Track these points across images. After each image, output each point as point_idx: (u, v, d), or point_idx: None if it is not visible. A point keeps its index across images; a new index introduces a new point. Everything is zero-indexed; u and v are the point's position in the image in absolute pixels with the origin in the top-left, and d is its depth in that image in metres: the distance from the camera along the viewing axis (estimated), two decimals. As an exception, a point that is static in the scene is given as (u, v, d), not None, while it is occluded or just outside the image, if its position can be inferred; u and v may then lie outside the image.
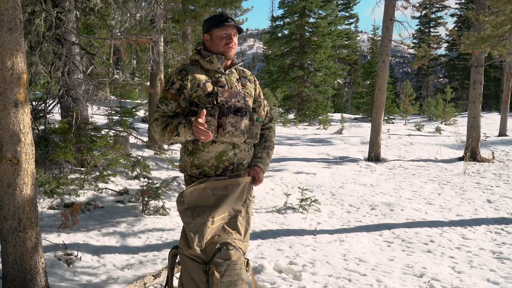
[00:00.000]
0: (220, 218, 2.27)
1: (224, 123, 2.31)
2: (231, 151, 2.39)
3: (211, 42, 2.43)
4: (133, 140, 9.33)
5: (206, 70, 2.41)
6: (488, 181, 7.67)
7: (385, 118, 21.20)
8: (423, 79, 43.67)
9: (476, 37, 8.49)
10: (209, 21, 2.45)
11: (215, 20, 2.42)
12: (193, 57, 2.47)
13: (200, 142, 2.35)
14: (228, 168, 2.40)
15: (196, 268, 2.21)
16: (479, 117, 10.31)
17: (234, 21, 2.44)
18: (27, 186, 2.83)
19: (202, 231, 2.19)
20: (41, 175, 5.25)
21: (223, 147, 2.37)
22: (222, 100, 2.32)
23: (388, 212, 5.76)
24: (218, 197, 2.28)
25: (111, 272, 3.72)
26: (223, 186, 2.31)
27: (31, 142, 2.85)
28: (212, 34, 2.42)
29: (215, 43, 2.41)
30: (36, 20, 5.08)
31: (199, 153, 2.36)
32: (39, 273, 2.93)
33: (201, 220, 2.19)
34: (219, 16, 2.42)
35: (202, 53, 2.43)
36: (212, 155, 2.36)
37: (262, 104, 2.59)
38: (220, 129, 2.32)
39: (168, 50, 9.83)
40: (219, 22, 2.40)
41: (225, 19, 2.40)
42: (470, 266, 3.87)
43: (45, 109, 6.07)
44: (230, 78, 2.46)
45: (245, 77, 2.56)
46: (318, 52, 22.03)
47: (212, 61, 2.39)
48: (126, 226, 4.95)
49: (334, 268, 3.75)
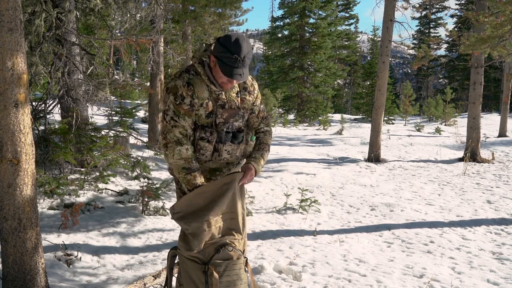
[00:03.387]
0: (217, 219, 2.24)
1: (220, 150, 2.34)
2: (225, 167, 2.46)
3: (213, 67, 2.23)
4: (133, 140, 9.34)
5: (207, 85, 2.30)
6: (488, 182, 7.67)
7: (385, 118, 21.19)
8: (423, 80, 43.66)
9: (476, 38, 8.50)
10: (220, 49, 2.17)
11: (225, 58, 2.14)
12: (196, 66, 2.29)
13: None
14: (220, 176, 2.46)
15: (195, 269, 2.21)
16: (479, 117, 10.31)
17: (246, 63, 2.18)
18: (27, 186, 2.83)
19: (199, 235, 2.18)
20: (41, 176, 5.25)
21: (217, 165, 2.44)
22: (221, 122, 2.30)
23: (388, 212, 5.76)
24: (211, 198, 2.23)
25: (111, 273, 3.72)
26: (216, 188, 2.26)
27: (31, 143, 2.85)
28: (218, 65, 2.19)
29: (216, 73, 2.23)
30: (36, 21, 5.09)
31: None
32: (39, 274, 2.93)
33: (196, 224, 2.19)
34: (233, 59, 2.13)
35: (206, 70, 2.28)
36: (205, 169, 2.42)
37: (256, 111, 2.50)
38: (216, 154, 2.34)
39: (168, 50, 9.84)
40: (229, 65, 2.14)
41: (236, 65, 2.14)
42: (470, 267, 3.87)
43: (45, 110, 6.07)
44: (230, 94, 2.36)
45: (245, 88, 2.42)
46: (318, 53, 22.04)
47: (214, 84, 2.28)
48: (126, 227, 4.95)
49: (334, 268, 3.75)
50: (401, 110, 23.70)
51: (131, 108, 9.19)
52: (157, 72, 9.82)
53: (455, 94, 27.37)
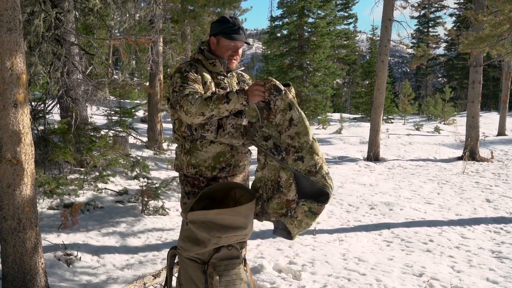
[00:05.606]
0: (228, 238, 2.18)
1: (225, 124, 2.31)
2: (229, 152, 2.39)
3: (216, 47, 2.40)
4: (133, 140, 9.34)
5: (209, 71, 2.41)
6: (487, 181, 7.67)
7: (384, 117, 21.19)
8: (422, 79, 43.69)
9: (474, 37, 8.50)
10: (219, 26, 2.38)
11: (226, 27, 2.36)
12: (196, 56, 2.44)
13: (198, 141, 2.35)
14: (225, 169, 2.40)
15: (195, 268, 2.21)
16: (478, 116, 10.31)
17: (244, 32, 2.40)
18: (26, 186, 2.83)
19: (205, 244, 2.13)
20: (40, 176, 5.25)
21: (221, 148, 2.36)
22: None
23: (387, 211, 5.77)
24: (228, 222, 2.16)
25: (110, 272, 3.72)
26: (234, 213, 2.20)
27: (30, 143, 2.85)
28: (219, 40, 2.38)
29: (221, 50, 2.38)
30: (35, 21, 5.08)
31: (196, 152, 2.36)
32: (38, 273, 2.93)
33: (206, 236, 2.13)
34: (231, 25, 2.35)
35: (206, 55, 2.41)
36: (209, 155, 2.36)
37: None
38: (220, 130, 2.32)
39: (167, 50, 9.83)
40: (230, 32, 2.35)
41: (237, 30, 2.35)
42: (469, 266, 3.87)
43: (45, 110, 6.07)
44: (231, 81, 2.47)
45: (244, 81, 2.57)
46: (317, 52, 22.01)
47: (215, 64, 2.40)
48: (126, 226, 4.95)
49: (333, 267, 3.75)
50: (400, 109, 23.71)
51: (130, 108, 9.17)
52: (156, 72, 9.82)
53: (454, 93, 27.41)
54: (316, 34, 22.50)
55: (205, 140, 2.34)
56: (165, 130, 10.99)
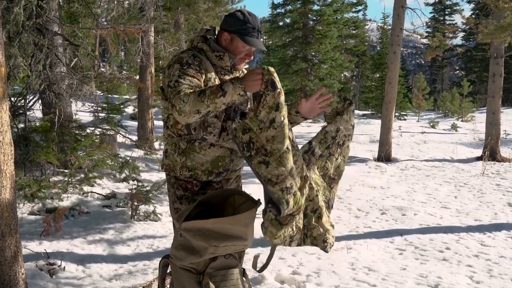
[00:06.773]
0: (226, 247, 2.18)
1: (229, 128, 2.30)
2: (229, 157, 2.38)
3: (228, 43, 2.34)
4: (121, 139, 9.33)
5: (213, 64, 2.35)
6: (509, 183, 7.67)
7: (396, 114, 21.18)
8: (437, 72, 43.68)
9: (495, 26, 8.50)
10: (237, 23, 2.31)
11: (245, 29, 2.30)
12: (199, 45, 2.36)
13: (196, 142, 2.33)
14: (222, 174, 2.40)
15: (189, 279, 2.20)
16: (498, 112, 10.32)
17: (262, 36, 2.39)
18: (5, 189, 2.82)
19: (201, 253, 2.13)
20: (20, 178, 5.25)
21: (221, 152, 2.35)
22: None
23: (400, 217, 5.77)
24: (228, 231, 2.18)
25: (97, 283, 3.72)
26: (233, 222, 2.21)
27: (9, 142, 2.84)
28: (234, 39, 2.32)
29: (233, 49, 2.34)
30: (15, 9, 5.07)
31: (193, 154, 2.34)
32: (19, 285, 2.93)
33: (202, 244, 2.12)
34: (251, 27, 2.30)
35: (212, 46, 2.35)
36: (208, 159, 2.34)
37: None
38: (224, 133, 2.31)
39: (159, 40, 9.82)
40: (248, 35, 2.30)
41: (256, 34, 2.32)
42: (490, 276, 3.87)
43: (25, 106, 6.06)
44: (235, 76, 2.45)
45: None
46: (323, 43, 22.00)
47: (223, 58, 2.35)
48: (114, 233, 4.95)
49: (341, 278, 3.76)
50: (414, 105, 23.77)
51: (119, 104, 9.18)
52: (147, 64, 9.81)
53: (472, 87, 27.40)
54: (322, 22, 22.47)
55: (204, 142, 2.33)
56: (156, 128, 11.00)
